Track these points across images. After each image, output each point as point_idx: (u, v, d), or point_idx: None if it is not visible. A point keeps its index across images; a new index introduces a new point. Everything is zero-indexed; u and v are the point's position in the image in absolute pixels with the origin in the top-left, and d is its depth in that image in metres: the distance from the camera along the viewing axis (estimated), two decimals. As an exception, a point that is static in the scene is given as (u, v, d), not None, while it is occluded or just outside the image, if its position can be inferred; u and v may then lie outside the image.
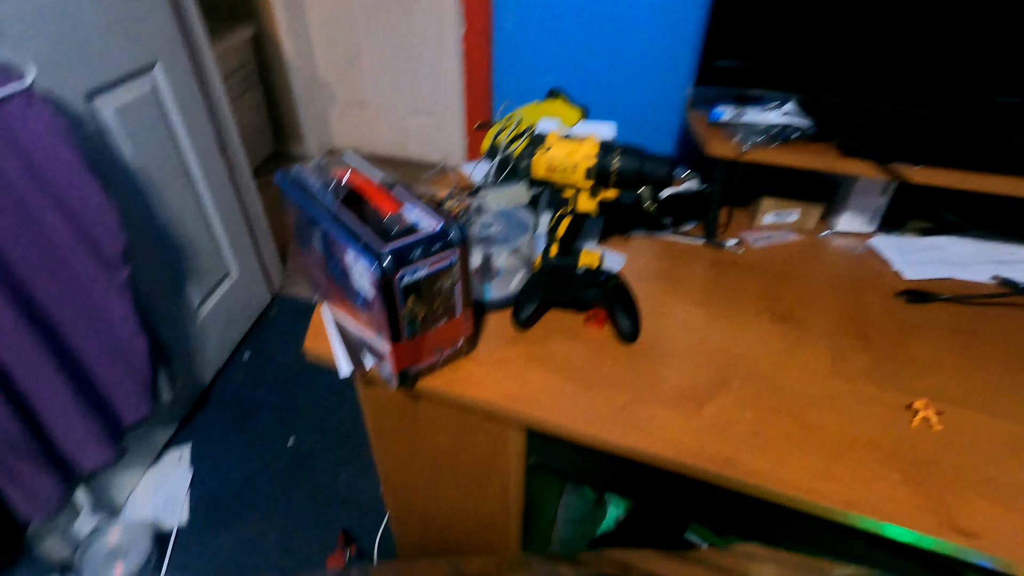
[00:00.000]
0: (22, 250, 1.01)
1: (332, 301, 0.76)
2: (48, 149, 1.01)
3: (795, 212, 0.97)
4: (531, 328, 0.78)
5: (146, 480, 1.50)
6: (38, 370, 1.07)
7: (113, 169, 1.30)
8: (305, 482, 1.51)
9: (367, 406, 0.85)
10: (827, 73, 0.81)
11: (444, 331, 0.67)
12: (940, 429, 0.64)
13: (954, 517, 0.55)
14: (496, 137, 1.01)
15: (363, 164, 0.71)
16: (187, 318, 1.62)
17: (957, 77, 0.77)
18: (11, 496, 1.09)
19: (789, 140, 0.83)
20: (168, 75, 1.45)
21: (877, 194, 0.93)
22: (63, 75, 1.15)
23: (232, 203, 1.80)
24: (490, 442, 0.78)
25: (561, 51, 1.21)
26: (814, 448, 0.62)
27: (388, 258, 0.56)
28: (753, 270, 0.90)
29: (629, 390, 0.69)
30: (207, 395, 1.74)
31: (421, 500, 0.98)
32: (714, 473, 0.60)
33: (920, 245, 0.94)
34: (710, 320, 0.80)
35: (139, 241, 1.37)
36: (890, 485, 0.58)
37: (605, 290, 0.76)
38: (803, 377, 0.70)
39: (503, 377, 0.70)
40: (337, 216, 0.62)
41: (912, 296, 0.83)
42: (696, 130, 0.91)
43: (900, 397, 0.68)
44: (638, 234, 0.98)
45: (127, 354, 1.25)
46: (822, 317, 0.80)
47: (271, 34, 2.61)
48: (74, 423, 1.15)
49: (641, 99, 1.20)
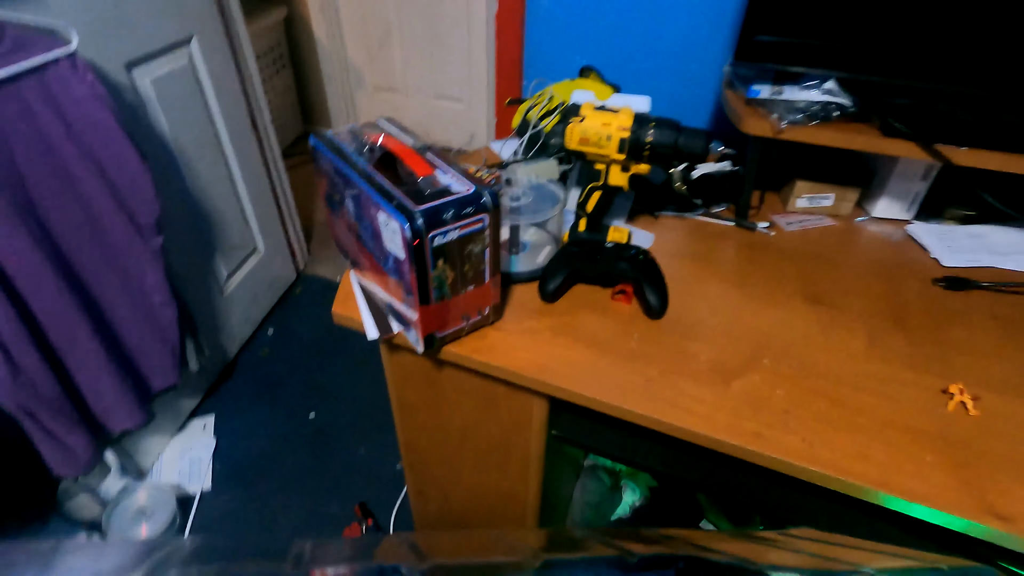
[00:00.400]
0: (62, 212, 1.04)
1: (360, 267, 0.76)
2: (89, 114, 1.03)
3: (830, 196, 0.95)
4: (557, 302, 0.77)
5: (172, 447, 1.54)
6: (74, 332, 1.10)
7: (149, 139, 1.32)
8: (325, 455, 1.53)
9: (391, 374, 0.86)
10: (870, 50, 0.78)
11: (471, 297, 0.67)
12: (976, 414, 0.62)
13: (989, 500, 0.54)
14: (527, 113, 1.00)
15: (397, 129, 0.71)
16: (214, 291, 1.65)
17: (1006, 55, 0.74)
18: (45, 452, 1.12)
19: (829, 119, 0.81)
20: (204, 49, 1.47)
21: (918, 179, 0.91)
22: (104, 45, 1.18)
23: (262, 179, 1.82)
24: (513, 413, 0.78)
25: (594, 29, 1.19)
26: (847, 428, 0.61)
27: (421, 218, 0.56)
28: (785, 253, 0.88)
29: (656, 364, 0.68)
30: (232, 368, 1.77)
31: (441, 473, 0.98)
32: (743, 448, 0.59)
33: (960, 233, 0.91)
34: (740, 300, 0.78)
35: (171, 212, 1.39)
36: (925, 467, 0.57)
37: (634, 265, 0.75)
38: (837, 359, 0.69)
39: (529, 347, 0.70)
40: (371, 177, 0.62)
41: (950, 283, 0.80)
42: (732, 108, 0.89)
43: (936, 381, 0.66)
44: (667, 214, 0.96)
45: (158, 321, 1.28)
46: (857, 300, 0.78)
47: (303, 16, 2.63)
48: (106, 385, 1.18)
49: (675, 78, 1.18)
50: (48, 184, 1.01)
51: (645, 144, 0.73)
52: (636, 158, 0.75)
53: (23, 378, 1.02)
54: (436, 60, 2.68)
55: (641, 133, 0.73)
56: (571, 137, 0.76)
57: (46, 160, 1.00)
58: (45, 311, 1.04)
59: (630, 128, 0.73)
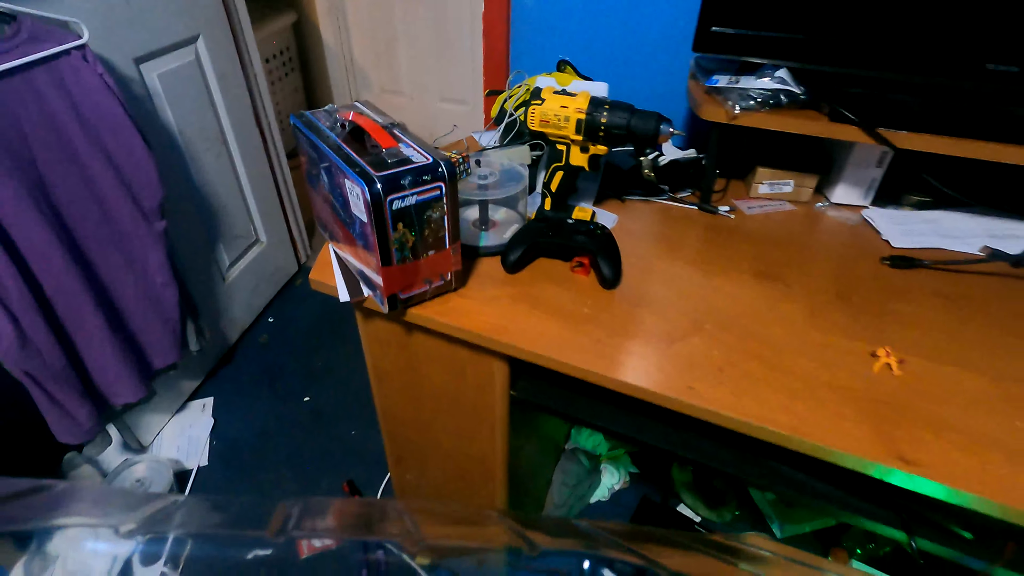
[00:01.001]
0: (71, 193, 1.11)
1: (336, 238, 0.82)
2: (98, 102, 1.11)
3: (789, 183, 0.99)
4: (520, 273, 0.82)
5: (172, 425, 1.60)
6: (80, 307, 1.17)
7: (155, 130, 1.40)
8: (318, 436, 1.59)
9: (366, 342, 0.91)
10: (818, 41, 0.83)
11: (433, 262, 0.72)
12: (900, 375, 0.66)
13: (899, 448, 0.58)
14: (504, 103, 1.06)
15: (369, 110, 0.77)
16: (217, 278, 1.72)
17: (948, 45, 0.78)
18: (50, 420, 1.19)
19: (780, 105, 0.86)
20: (210, 48, 1.55)
21: (873, 166, 0.95)
22: (114, 40, 1.26)
23: (265, 175, 1.90)
24: (478, 377, 0.83)
25: (576, 25, 1.25)
26: (776, 386, 0.65)
27: (380, 183, 0.62)
28: (744, 235, 0.92)
29: (606, 327, 0.73)
30: (232, 353, 1.84)
31: (417, 439, 1.04)
32: (675, 399, 0.64)
33: (915, 218, 0.95)
34: (693, 275, 0.83)
35: (176, 200, 1.47)
36: (843, 420, 0.61)
37: (591, 238, 0.80)
38: (778, 328, 0.73)
39: (491, 312, 0.75)
40: (340, 148, 0.68)
41: (897, 262, 0.84)
42: (693, 96, 0.94)
43: (868, 348, 0.70)
44: (634, 198, 1.01)
45: (160, 301, 1.35)
46: (805, 277, 0.82)
47: (312, 21, 2.72)
48: (109, 359, 1.25)
49: (652, 72, 1.23)
50: (58, 166, 1.08)
51: (600, 125, 0.78)
52: (593, 139, 0.80)
53: (31, 347, 1.09)
54: (441, 63, 2.76)
55: (596, 115, 0.78)
56: (532, 118, 0.81)
57: (56, 144, 1.07)
58: (53, 285, 1.11)
59: (586, 110, 0.78)
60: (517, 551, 0.56)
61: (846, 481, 0.69)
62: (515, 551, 0.56)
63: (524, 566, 0.57)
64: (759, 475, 0.71)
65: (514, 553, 0.57)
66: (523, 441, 1.04)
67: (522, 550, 0.54)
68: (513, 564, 0.57)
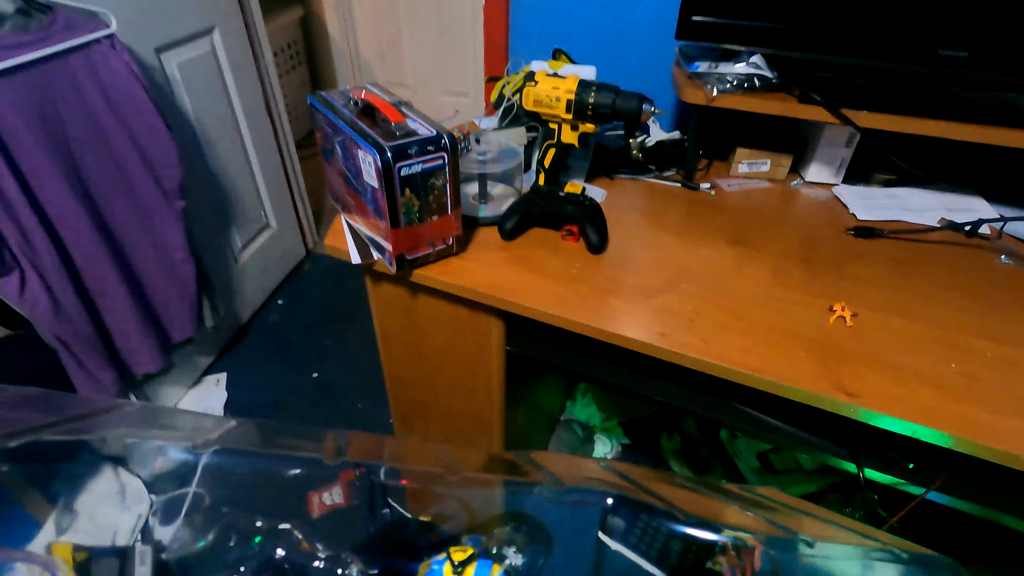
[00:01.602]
0: (99, 171, 1.20)
1: (349, 209, 0.90)
2: (125, 87, 1.19)
3: (766, 162, 1.07)
4: (515, 240, 0.91)
5: (187, 398, 1.69)
6: (106, 278, 1.26)
7: (174, 115, 1.48)
8: (326, 408, 1.68)
9: (375, 305, 1.00)
10: (789, 29, 0.91)
11: (436, 226, 0.80)
12: (852, 325, 0.74)
13: (844, 383, 0.66)
14: (503, 88, 1.14)
15: (379, 90, 0.85)
16: (230, 259, 1.81)
17: (904, 32, 0.86)
18: (77, 383, 1.28)
19: (754, 88, 0.94)
20: (224, 39, 1.64)
21: (842, 146, 1.03)
22: (138, 30, 1.34)
23: (275, 162, 1.98)
24: (477, 335, 0.92)
25: (570, 18, 1.33)
26: (739, 333, 0.73)
27: (390, 151, 0.70)
28: (722, 209, 1.01)
29: (591, 285, 0.81)
30: (244, 332, 1.93)
31: (420, 398, 1.12)
32: (649, 344, 0.72)
33: (880, 194, 1.03)
34: (673, 242, 0.91)
35: (191, 183, 1.55)
36: (797, 360, 0.69)
37: (580, 208, 0.88)
38: (745, 285, 0.81)
39: (488, 272, 0.84)
40: (354, 122, 0.76)
41: (859, 231, 0.93)
42: (676, 81, 1.02)
43: (826, 303, 0.78)
44: (623, 176, 1.09)
45: (178, 276, 1.43)
46: (773, 244, 0.90)
47: (319, 15, 2.81)
48: (132, 328, 1.34)
49: (643, 59, 1.31)
50: (88, 145, 1.17)
51: (588, 105, 0.86)
52: (582, 117, 0.88)
53: (63, 314, 1.18)
54: (443, 57, 2.84)
55: (584, 95, 0.86)
56: (527, 99, 0.89)
57: (87, 124, 1.16)
58: (82, 256, 1.20)
59: (575, 91, 0.86)
60: (546, 487, 0.64)
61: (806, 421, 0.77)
62: (544, 487, 0.65)
63: (557, 500, 0.65)
64: (726, 415, 0.79)
65: (544, 487, 0.65)
66: (520, 406, 1.13)
67: (549, 487, 0.63)
68: (546, 497, 0.65)
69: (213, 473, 0.78)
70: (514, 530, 0.59)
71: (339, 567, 0.59)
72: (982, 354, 0.70)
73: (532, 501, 0.67)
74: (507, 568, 0.55)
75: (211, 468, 0.80)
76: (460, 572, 0.53)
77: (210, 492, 0.78)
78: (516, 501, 0.66)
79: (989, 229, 0.93)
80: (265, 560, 0.60)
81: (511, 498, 0.68)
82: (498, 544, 0.57)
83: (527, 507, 0.67)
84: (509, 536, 0.58)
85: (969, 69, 0.85)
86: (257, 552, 0.62)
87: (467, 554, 0.54)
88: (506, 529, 0.59)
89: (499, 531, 0.59)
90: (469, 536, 0.59)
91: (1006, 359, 0.70)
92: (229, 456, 0.82)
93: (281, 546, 0.63)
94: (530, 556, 0.57)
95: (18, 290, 1.10)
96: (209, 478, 0.80)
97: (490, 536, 0.58)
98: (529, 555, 0.57)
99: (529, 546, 0.58)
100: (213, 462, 0.69)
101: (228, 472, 0.79)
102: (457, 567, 0.53)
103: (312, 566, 0.59)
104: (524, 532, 0.60)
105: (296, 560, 0.60)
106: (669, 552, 0.69)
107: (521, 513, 0.63)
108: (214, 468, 0.80)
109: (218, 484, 0.78)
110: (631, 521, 0.71)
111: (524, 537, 0.59)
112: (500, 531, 0.59)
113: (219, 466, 0.77)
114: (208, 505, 0.76)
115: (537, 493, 0.68)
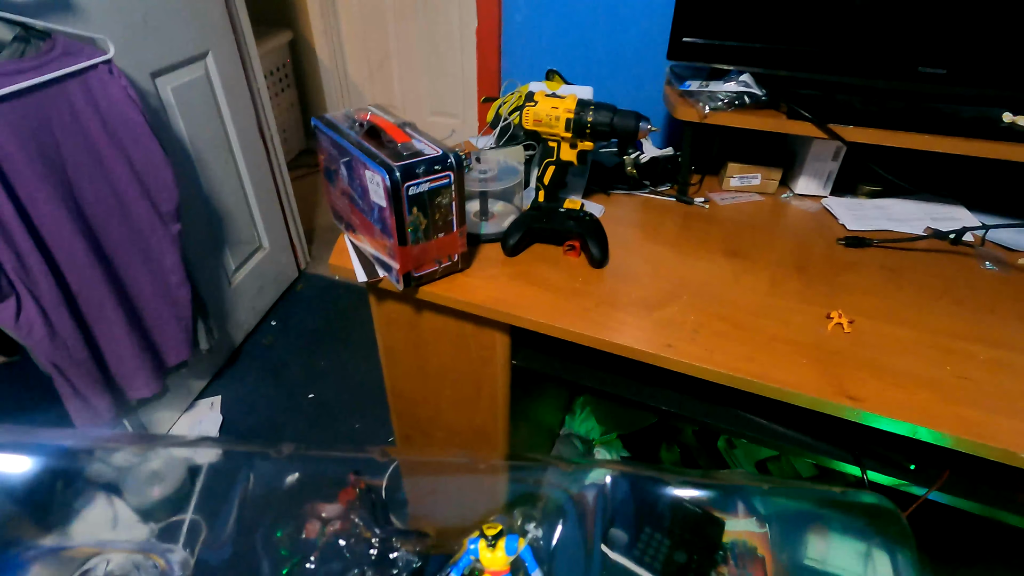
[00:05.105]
0: (96, 195, 1.20)
1: (353, 228, 0.91)
2: (122, 112, 1.20)
3: (757, 176, 1.11)
4: (518, 256, 0.92)
5: (182, 422, 1.67)
6: (102, 303, 1.25)
7: (169, 139, 1.49)
8: (323, 430, 1.66)
9: (379, 322, 1.00)
10: (776, 49, 0.95)
11: (442, 243, 0.82)
12: (849, 331, 0.76)
13: (845, 387, 0.68)
14: (499, 108, 1.17)
15: (383, 112, 0.87)
16: (223, 281, 1.80)
17: (886, 51, 0.90)
18: (72, 409, 1.26)
19: (744, 106, 0.97)
20: (218, 63, 1.65)
21: (829, 159, 1.07)
22: (133, 56, 1.35)
23: (268, 183, 1.99)
24: (481, 350, 0.93)
25: (562, 38, 1.37)
26: (741, 341, 0.75)
27: (398, 171, 0.72)
28: (716, 222, 1.03)
29: (594, 299, 0.83)
30: (237, 354, 1.91)
31: (423, 414, 1.12)
32: (655, 355, 0.74)
33: (868, 205, 1.07)
34: (671, 255, 0.93)
35: (185, 206, 1.55)
36: (800, 367, 0.71)
37: (580, 223, 0.90)
38: (743, 295, 0.84)
39: (492, 288, 0.85)
40: (360, 143, 0.78)
41: (850, 241, 0.96)
42: (669, 99, 1.06)
43: (823, 311, 0.80)
44: (618, 192, 1.12)
45: (174, 300, 1.42)
46: (768, 255, 0.93)
47: (307, 39, 2.84)
48: (127, 353, 1.33)
49: (632, 79, 1.35)
50: (85, 170, 1.17)
51: (587, 123, 0.89)
52: (580, 136, 0.91)
53: (59, 339, 1.16)
54: (433, 78, 2.88)
55: (583, 114, 0.89)
56: (526, 118, 0.92)
57: (84, 149, 1.16)
58: (78, 281, 1.19)
59: (574, 110, 0.89)
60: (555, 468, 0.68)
61: (807, 427, 0.79)
62: (554, 468, 0.69)
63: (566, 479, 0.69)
64: (730, 423, 0.80)
65: (553, 468, 0.70)
66: (521, 420, 1.13)
67: (558, 467, 0.67)
68: (557, 475, 0.69)
69: (210, 498, 0.79)
70: (531, 507, 0.67)
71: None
72: (974, 357, 0.73)
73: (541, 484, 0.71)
74: (530, 540, 0.62)
75: (207, 493, 0.81)
76: (494, 545, 0.59)
77: (207, 517, 0.78)
78: (524, 488, 0.70)
79: (972, 237, 0.97)
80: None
81: (519, 485, 0.71)
82: (521, 520, 0.65)
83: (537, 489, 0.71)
84: (527, 513, 0.66)
85: (947, 85, 0.90)
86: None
87: (497, 529, 0.60)
88: (524, 508, 0.66)
89: (519, 510, 0.66)
90: (495, 516, 0.65)
91: (998, 361, 0.72)
92: (226, 479, 0.83)
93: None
94: (547, 528, 0.64)
95: (14, 316, 1.09)
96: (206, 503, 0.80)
97: (511, 515, 0.65)
98: (546, 527, 0.64)
99: (545, 520, 0.65)
100: (209, 486, 0.70)
101: (224, 496, 0.80)
102: (491, 541, 0.59)
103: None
104: (539, 508, 0.67)
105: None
106: (672, 564, 0.70)
107: (533, 493, 0.70)
108: (211, 493, 0.80)
109: (215, 509, 0.78)
110: (633, 533, 0.72)
111: (539, 513, 0.66)
112: (520, 510, 0.66)
113: (216, 490, 0.78)
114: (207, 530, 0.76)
115: (544, 478, 0.71)
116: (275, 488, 0.78)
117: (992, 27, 0.84)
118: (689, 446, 1.49)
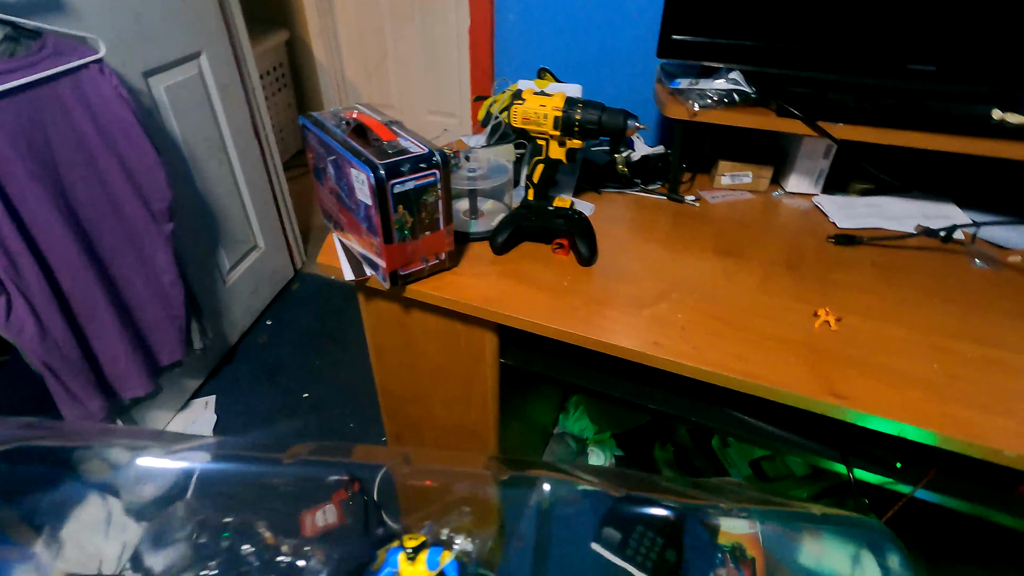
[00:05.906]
0: (88, 195, 1.20)
1: (341, 226, 0.91)
2: (114, 111, 1.19)
3: (748, 174, 1.10)
4: (506, 254, 0.92)
5: (176, 422, 1.67)
6: (95, 302, 1.25)
7: (162, 138, 1.49)
8: (317, 429, 1.66)
9: (368, 321, 1.00)
10: (765, 46, 0.94)
11: (429, 241, 0.81)
12: (837, 329, 0.76)
13: (833, 385, 0.68)
14: (490, 107, 1.17)
15: (370, 110, 0.87)
16: (218, 281, 1.80)
17: (875, 48, 0.90)
18: (64, 410, 1.26)
19: (734, 104, 0.97)
20: (211, 63, 1.65)
21: (820, 157, 1.06)
22: (126, 55, 1.35)
23: (263, 183, 1.99)
24: (471, 348, 0.92)
25: (555, 38, 1.36)
26: (731, 339, 0.75)
27: (383, 169, 0.72)
28: (707, 220, 1.03)
29: (583, 297, 0.82)
30: (232, 353, 1.91)
31: (414, 414, 1.12)
32: (643, 353, 0.73)
33: (859, 203, 1.06)
34: (662, 253, 0.93)
35: (179, 205, 1.55)
36: (787, 365, 0.71)
37: (568, 221, 0.90)
38: (734, 293, 0.83)
39: (480, 286, 0.85)
40: (346, 142, 0.78)
41: (841, 239, 0.95)
42: (659, 98, 1.05)
43: (811, 309, 0.80)
44: (610, 190, 1.12)
45: (167, 299, 1.42)
46: (759, 253, 0.93)
47: (304, 38, 2.83)
48: (120, 353, 1.32)
49: (624, 78, 1.34)
50: (77, 169, 1.17)
51: (575, 121, 0.88)
52: (569, 134, 0.90)
53: (50, 339, 1.16)
54: (429, 78, 2.88)
55: (571, 112, 0.88)
56: (515, 116, 0.91)
57: (76, 148, 1.16)
58: (69, 280, 1.19)
59: (562, 108, 0.88)
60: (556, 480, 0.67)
61: (798, 426, 0.79)
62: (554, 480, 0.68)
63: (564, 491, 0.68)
64: (720, 422, 0.80)
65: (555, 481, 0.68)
66: (513, 420, 1.13)
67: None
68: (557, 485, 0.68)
69: (203, 496, 0.78)
70: (462, 515, 0.61)
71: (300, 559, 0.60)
72: (963, 355, 0.73)
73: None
74: (458, 553, 0.57)
75: (201, 490, 0.80)
76: (413, 559, 0.55)
77: (200, 514, 0.78)
78: (521, 495, 0.68)
79: (963, 234, 0.96)
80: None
81: (512, 491, 0.69)
82: (447, 530, 0.59)
83: (525, 501, 0.69)
84: (458, 521, 0.60)
85: (937, 82, 0.89)
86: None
87: (419, 541, 0.56)
88: (455, 515, 0.61)
89: (448, 518, 0.60)
90: (424, 525, 0.60)
91: (987, 359, 0.72)
92: (219, 477, 0.82)
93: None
94: (479, 540, 0.59)
95: (4, 315, 1.09)
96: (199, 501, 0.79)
97: (439, 523, 0.60)
98: (478, 539, 0.59)
99: (477, 530, 0.59)
100: (203, 484, 0.69)
101: (218, 494, 0.80)
102: (411, 554, 0.55)
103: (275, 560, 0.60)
104: (471, 516, 0.61)
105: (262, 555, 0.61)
106: (664, 563, 0.70)
107: (470, 497, 0.65)
108: (204, 490, 0.80)
109: (208, 506, 0.78)
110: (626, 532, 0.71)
111: (471, 521, 0.60)
112: (448, 518, 0.60)
113: (209, 488, 0.78)
114: (199, 528, 0.76)
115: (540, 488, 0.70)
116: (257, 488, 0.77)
117: (981, 24, 0.84)
118: (683, 445, 1.49)
